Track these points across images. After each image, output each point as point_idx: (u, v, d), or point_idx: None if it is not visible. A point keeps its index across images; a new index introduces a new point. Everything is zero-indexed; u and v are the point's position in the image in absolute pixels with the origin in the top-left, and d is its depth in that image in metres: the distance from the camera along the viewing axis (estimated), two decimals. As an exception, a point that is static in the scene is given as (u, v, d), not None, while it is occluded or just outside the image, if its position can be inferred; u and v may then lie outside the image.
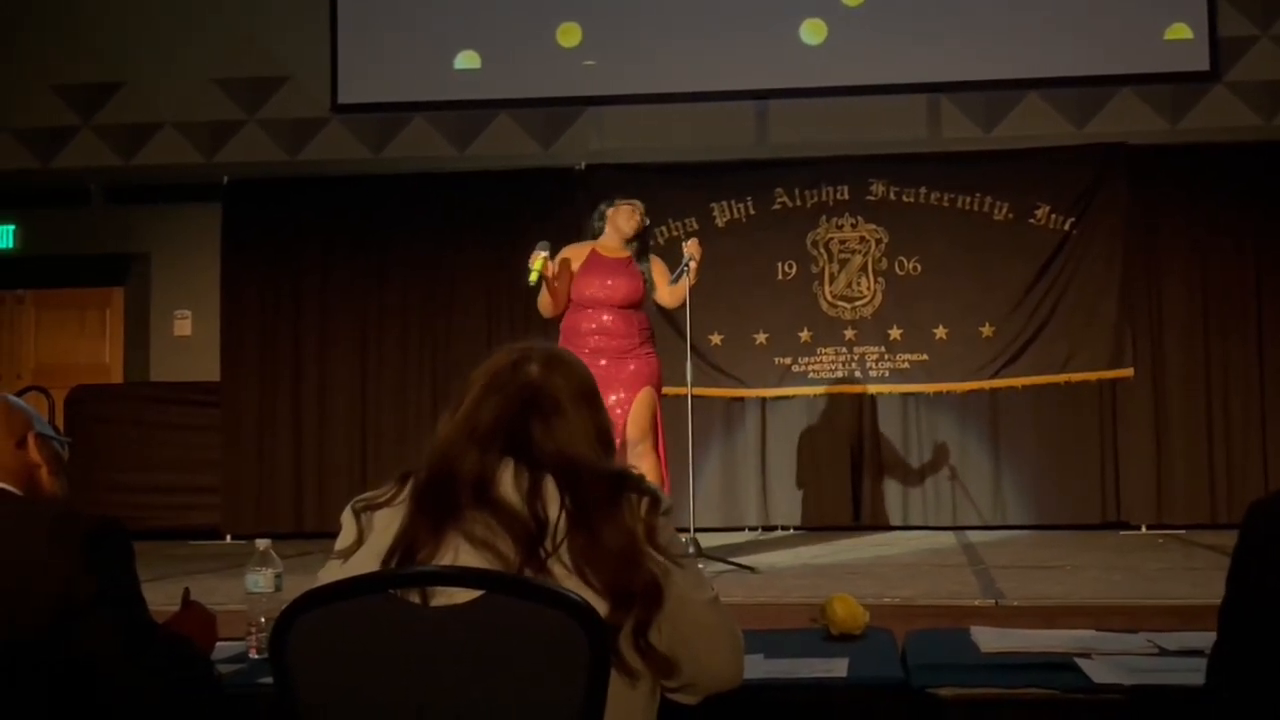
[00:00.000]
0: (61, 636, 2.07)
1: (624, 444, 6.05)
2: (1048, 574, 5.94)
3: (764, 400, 8.72)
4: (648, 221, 6.58)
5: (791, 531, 8.54)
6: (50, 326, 9.95)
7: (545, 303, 6.33)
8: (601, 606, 1.80)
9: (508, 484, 1.93)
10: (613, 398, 5.98)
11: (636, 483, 1.98)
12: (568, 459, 1.97)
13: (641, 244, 6.50)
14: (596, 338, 6.21)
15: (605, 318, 6.25)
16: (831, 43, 8.73)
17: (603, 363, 6.05)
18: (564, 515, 1.90)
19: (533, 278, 6.16)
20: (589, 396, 2.08)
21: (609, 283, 6.27)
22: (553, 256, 6.20)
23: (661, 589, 1.89)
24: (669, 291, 6.41)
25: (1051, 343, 8.51)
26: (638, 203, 6.55)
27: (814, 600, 4.87)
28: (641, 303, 6.36)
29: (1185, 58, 8.52)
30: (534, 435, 1.99)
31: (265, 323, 9.10)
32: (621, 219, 6.43)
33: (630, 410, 6.13)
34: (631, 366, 6.20)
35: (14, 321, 9.96)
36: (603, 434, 2.07)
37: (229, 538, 8.79)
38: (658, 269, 6.50)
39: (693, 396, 6.75)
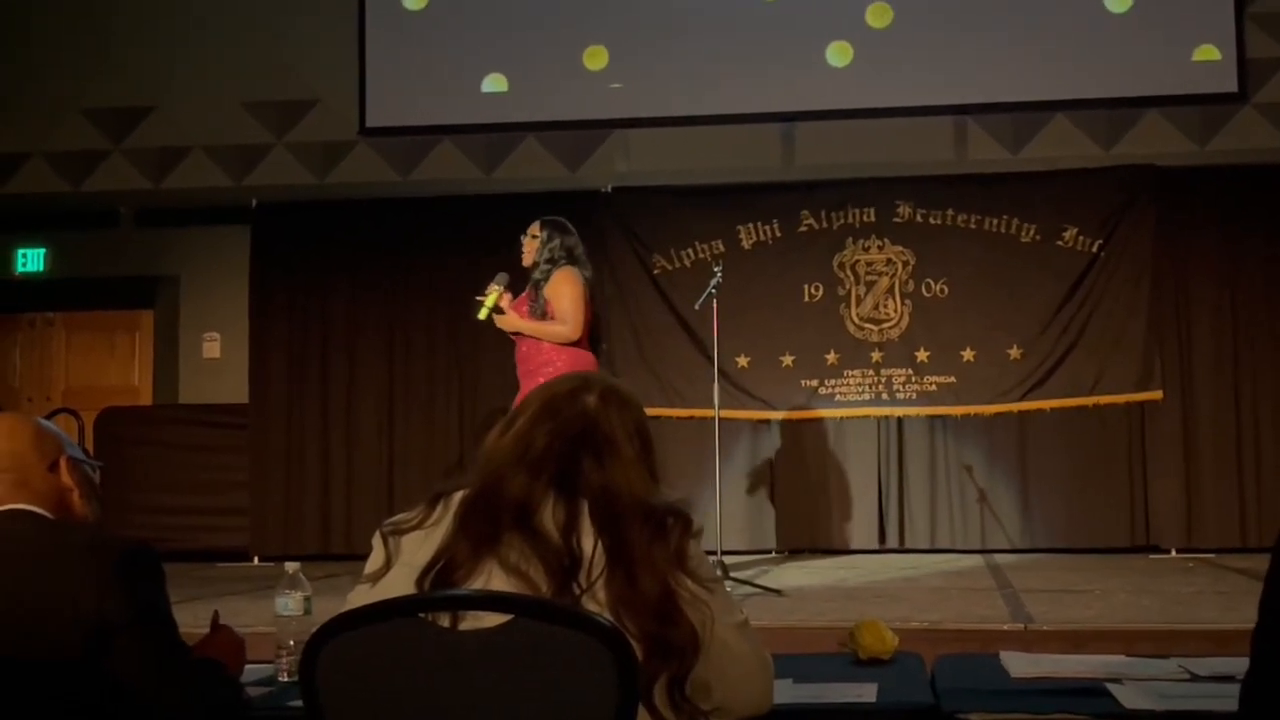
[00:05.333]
0: (94, 659, 2.08)
1: None
2: (1077, 598, 5.91)
3: (790, 422, 8.70)
4: (547, 242, 6.02)
5: (817, 555, 8.50)
6: (80, 349, 10.00)
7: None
8: (637, 652, 1.78)
9: (548, 513, 1.93)
10: None
11: (671, 506, 1.98)
12: (611, 495, 1.95)
13: (545, 269, 5.99)
14: (517, 365, 6.07)
15: (517, 347, 6.07)
16: (858, 65, 8.73)
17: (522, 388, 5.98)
18: (600, 551, 1.90)
19: (482, 314, 5.93)
20: (643, 434, 2.06)
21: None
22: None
23: (699, 642, 1.88)
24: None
25: (1080, 365, 8.47)
26: (533, 227, 6.14)
27: (841, 624, 4.85)
28: (528, 333, 5.94)
29: (1213, 79, 8.49)
30: (583, 468, 1.98)
31: (293, 345, 9.14)
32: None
33: None
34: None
35: (44, 344, 10.01)
36: (653, 474, 2.04)
37: (256, 559, 8.82)
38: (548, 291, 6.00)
39: (719, 419, 6.71)
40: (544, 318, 5.89)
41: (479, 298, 5.99)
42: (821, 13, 8.75)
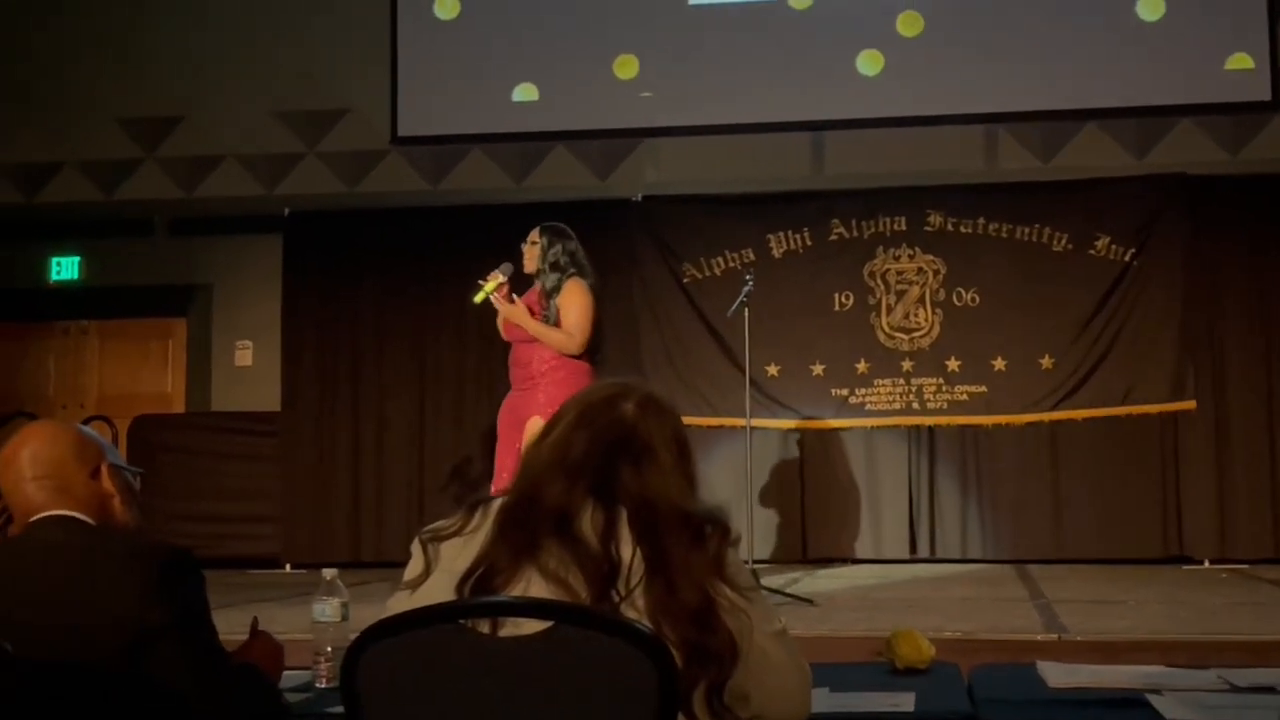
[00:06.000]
0: (134, 665, 2.10)
1: None
2: (1110, 608, 5.88)
3: (821, 431, 8.69)
4: (549, 248, 6.09)
5: (849, 564, 8.49)
6: (114, 357, 10.06)
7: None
8: (676, 659, 1.78)
9: (586, 520, 1.94)
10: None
11: (710, 513, 1.98)
12: (649, 502, 1.96)
13: (553, 277, 6.07)
14: (510, 370, 6.16)
15: (512, 351, 6.16)
16: (889, 74, 8.71)
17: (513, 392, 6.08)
18: (639, 558, 1.90)
19: (478, 297, 6.06)
20: (680, 442, 2.06)
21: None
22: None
23: (738, 650, 1.89)
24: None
25: (1112, 375, 8.44)
26: (533, 234, 6.20)
27: (874, 633, 4.85)
28: (532, 332, 6.02)
29: (1246, 88, 8.43)
30: (622, 476, 1.98)
31: (325, 353, 9.18)
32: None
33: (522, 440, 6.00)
34: (541, 397, 5.97)
35: (79, 352, 10.08)
36: (691, 481, 2.04)
37: (288, 566, 8.85)
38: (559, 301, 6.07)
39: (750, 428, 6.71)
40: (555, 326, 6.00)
41: (480, 281, 6.06)
42: (852, 21, 8.74)
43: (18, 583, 2.20)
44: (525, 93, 8.99)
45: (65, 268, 10.03)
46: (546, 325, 6.00)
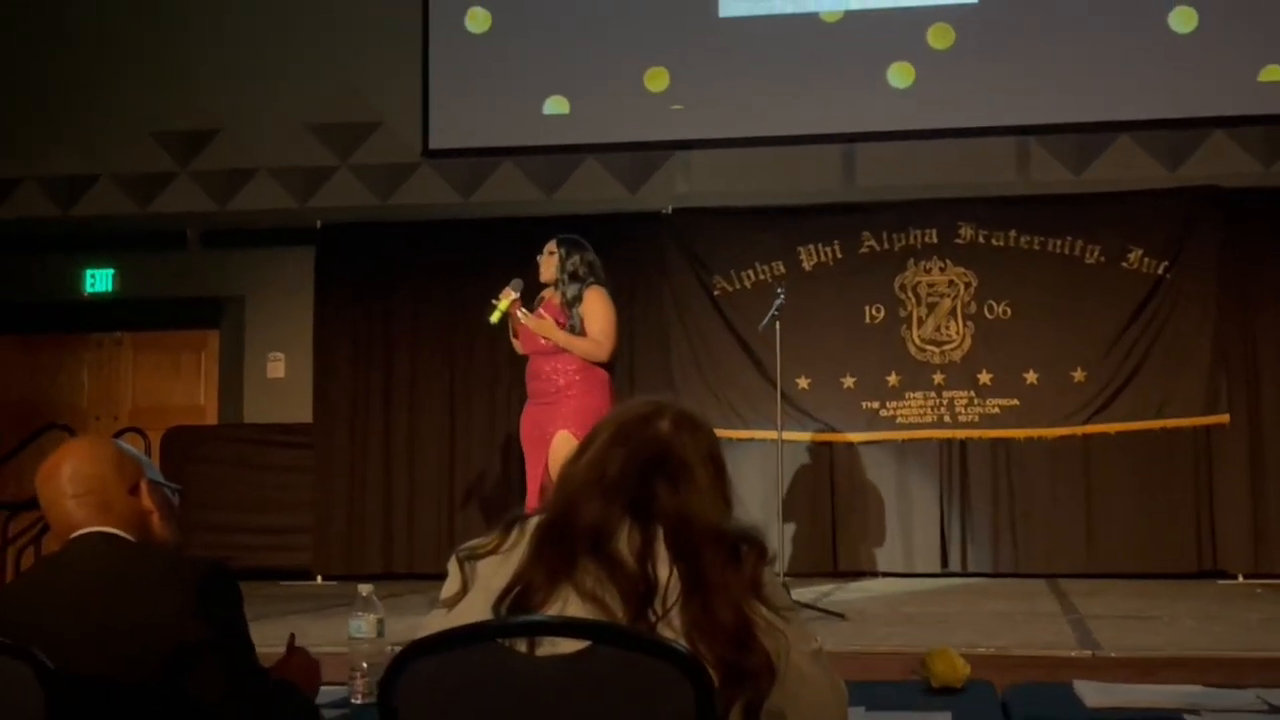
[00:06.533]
0: (173, 680, 2.11)
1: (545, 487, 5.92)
2: (1144, 624, 5.84)
3: (852, 444, 8.67)
4: (567, 258, 6.19)
5: (879, 578, 8.46)
6: (147, 369, 10.12)
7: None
8: (713, 679, 1.78)
9: (623, 539, 1.94)
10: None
11: (746, 532, 1.98)
12: (686, 521, 1.96)
13: (573, 287, 6.15)
14: (529, 383, 6.20)
15: (531, 364, 6.20)
16: (920, 86, 8.70)
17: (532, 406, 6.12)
18: (675, 577, 1.90)
19: (494, 317, 6.10)
20: (716, 460, 2.06)
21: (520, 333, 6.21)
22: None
23: (775, 670, 1.89)
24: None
25: (1145, 388, 8.39)
26: (550, 245, 6.28)
27: (906, 649, 4.84)
28: (555, 348, 6.09)
29: (1280, 99, 8.40)
30: (658, 494, 1.98)
31: (357, 365, 9.21)
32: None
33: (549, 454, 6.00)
34: (566, 409, 6.02)
35: (112, 363, 10.14)
36: (726, 499, 2.05)
37: (320, 578, 8.88)
38: (583, 310, 6.14)
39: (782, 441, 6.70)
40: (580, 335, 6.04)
41: (493, 301, 6.09)
42: (883, 33, 8.74)
43: (58, 598, 2.21)
44: (556, 105, 9.02)
45: (100, 280, 10.09)
46: (573, 335, 6.03)
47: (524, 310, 6.14)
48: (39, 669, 1.95)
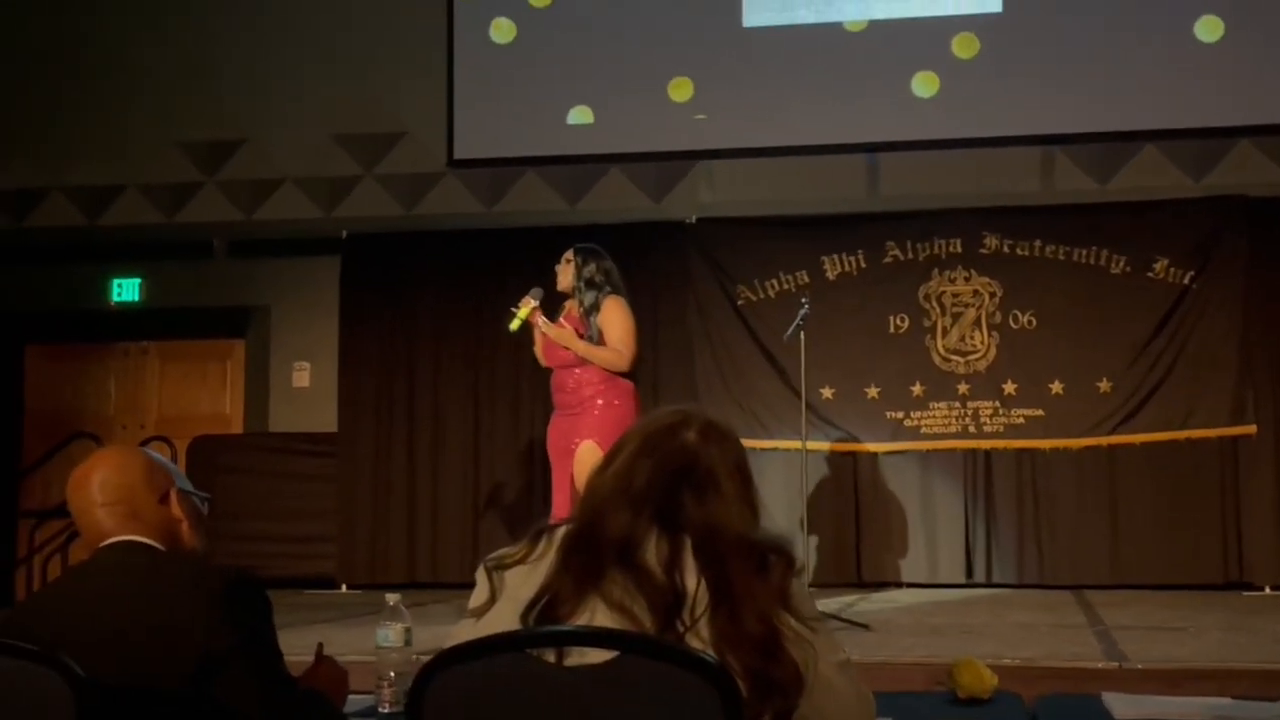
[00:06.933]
0: (202, 689, 2.12)
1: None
2: (1170, 636, 5.82)
3: (875, 455, 8.65)
4: (584, 266, 6.19)
5: (904, 588, 8.44)
6: (173, 377, 10.16)
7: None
8: (741, 690, 1.78)
9: (650, 549, 1.94)
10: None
11: (774, 542, 1.98)
12: (713, 531, 1.96)
13: (590, 295, 6.15)
14: (554, 395, 6.22)
15: (556, 376, 6.21)
16: (944, 95, 8.69)
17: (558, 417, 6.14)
18: (703, 588, 1.90)
19: (513, 325, 6.13)
20: (743, 469, 2.06)
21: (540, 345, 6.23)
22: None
23: (803, 681, 1.88)
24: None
25: (1171, 398, 8.35)
26: (567, 253, 6.29)
27: (931, 660, 4.83)
28: (578, 359, 6.08)
29: (1307, 108, 8.36)
30: (685, 504, 1.98)
31: (381, 374, 9.23)
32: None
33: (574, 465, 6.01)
34: (590, 420, 6.02)
35: (139, 372, 10.19)
36: (754, 510, 2.05)
37: (344, 587, 8.90)
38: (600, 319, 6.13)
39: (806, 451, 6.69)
40: (599, 344, 6.05)
41: (512, 309, 6.11)
42: (907, 43, 8.74)
43: (87, 606, 2.22)
44: (580, 115, 9.04)
45: (126, 289, 10.14)
46: (593, 344, 6.03)
47: (544, 319, 6.15)
48: (69, 675, 1.96)
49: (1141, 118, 8.50)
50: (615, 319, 6.07)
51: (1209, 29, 8.47)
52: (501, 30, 9.14)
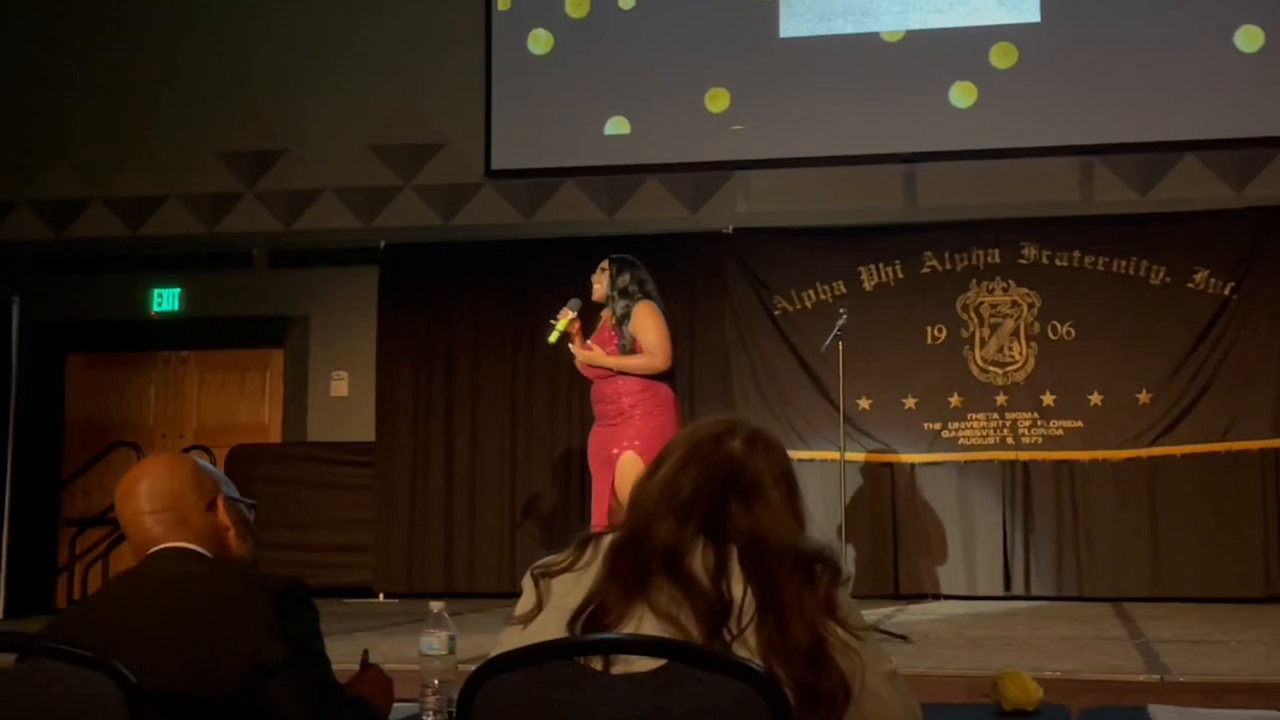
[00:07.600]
0: (251, 697, 2.13)
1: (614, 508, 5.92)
2: (1212, 648, 5.76)
3: (912, 466, 8.62)
4: (618, 276, 6.26)
5: (942, 600, 8.40)
6: (212, 387, 10.20)
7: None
8: (789, 699, 1.78)
9: (697, 558, 1.95)
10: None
11: (821, 551, 1.98)
12: (760, 540, 1.96)
13: (622, 304, 6.21)
14: (595, 406, 6.24)
15: (595, 387, 6.23)
16: (982, 106, 8.68)
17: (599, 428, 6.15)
18: (749, 597, 1.91)
19: (552, 337, 6.17)
20: (788, 479, 2.06)
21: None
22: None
23: (851, 691, 1.88)
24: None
25: (1211, 410, 8.29)
26: (603, 263, 6.35)
27: (971, 672, 4.80)
28: (614, 369, 6.13)
29: (1349, 118, 8.30)
30: (731, 513, 1.99)
31: (419, 384, 9.27)
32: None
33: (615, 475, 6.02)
34: (630, 430, 6.05)
35: (178, 382, 10.24)
36: (800, 519, 2.05)
37: (381, 596, 8.93)
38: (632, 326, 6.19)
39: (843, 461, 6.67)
40: (631, 353, 6.05)
41: (551, 321, 6.13)
42: (945, 53, 8.73)
43: (136, 614, 2.23)
44: (617, 126, 9.06)
45: (166, 299, 10.19)
46: (624, 356, 6.05)
47: (577, 341, 6.17)
48: (120, 680, 1.97)
49: (1181, 128, 8.46)
50: (647, 324, 6.11)
51: (1249, 39, 8.43)
52: (539, 41, 9.17)
